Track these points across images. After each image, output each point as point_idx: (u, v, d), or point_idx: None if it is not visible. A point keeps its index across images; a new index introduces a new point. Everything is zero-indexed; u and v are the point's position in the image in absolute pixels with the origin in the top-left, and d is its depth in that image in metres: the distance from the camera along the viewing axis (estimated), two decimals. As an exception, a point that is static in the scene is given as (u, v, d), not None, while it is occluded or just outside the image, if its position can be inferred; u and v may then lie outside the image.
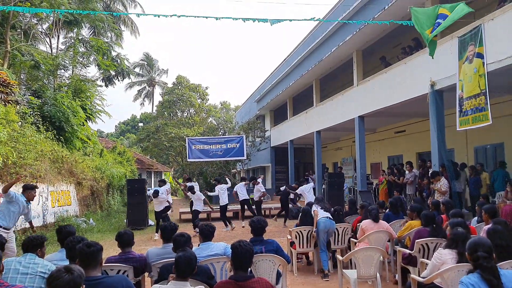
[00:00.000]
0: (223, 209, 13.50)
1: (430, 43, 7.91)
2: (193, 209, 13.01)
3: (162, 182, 13.30)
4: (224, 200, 13.53)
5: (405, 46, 13.87)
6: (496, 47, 8.55)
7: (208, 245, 4.68)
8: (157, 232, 12.27)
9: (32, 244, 3.99)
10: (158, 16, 7.89)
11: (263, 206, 15.91)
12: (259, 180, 15.18)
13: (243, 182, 14.62)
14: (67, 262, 3.87)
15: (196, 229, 12.31)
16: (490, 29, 8.74)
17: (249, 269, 3.51)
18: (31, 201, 7.21)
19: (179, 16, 7.84)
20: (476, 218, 6.99)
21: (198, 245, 4.73)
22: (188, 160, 21.97)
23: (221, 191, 13.84)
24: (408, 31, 13.33)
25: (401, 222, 7.59)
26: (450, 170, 10.62)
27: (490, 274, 2.83)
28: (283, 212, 14.49)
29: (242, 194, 14.14)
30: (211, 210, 14.94)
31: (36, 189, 7.42)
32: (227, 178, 15.61)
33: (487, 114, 8.62)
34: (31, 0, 16.39)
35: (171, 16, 7.77)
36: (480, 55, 8.83)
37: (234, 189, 14.56)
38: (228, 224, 13.26)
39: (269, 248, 4.95)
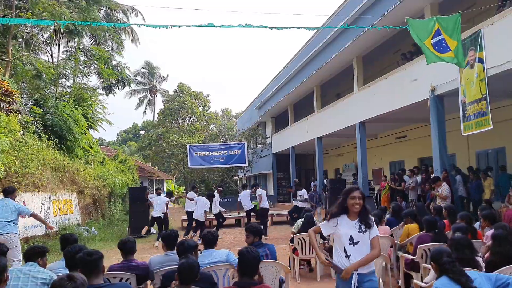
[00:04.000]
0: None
1: (427, 51, 8.02)
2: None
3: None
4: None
5: (405, 52, 13.92)
6: (496, 52, 8.58)
7: (210, 252, 4.71)
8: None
9: (33, 252, 4.02)
10: (159, 27, 7.92)
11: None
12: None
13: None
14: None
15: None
16: (489, 34, 8.77)
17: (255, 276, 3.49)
18: None
19: (179, 27, 7.89)
20: (478, 222, 6.97)
21: (201, 252, 4.75)
22: (189, 166, 21.97)
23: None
24: (408, 37, 13.30)
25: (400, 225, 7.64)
26: (452, 175, 10.61)
27: (458, 275, 3.08)
28: None
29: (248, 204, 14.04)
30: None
31: None
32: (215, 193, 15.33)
33: (488, 119, 8.64)
34: (32, 10, 16.50)
35: (171, 27, 7.81)
36: (480, 60, 8.86)
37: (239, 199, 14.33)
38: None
39: (272, 249, 5.08)
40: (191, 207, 13.35)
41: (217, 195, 13.70)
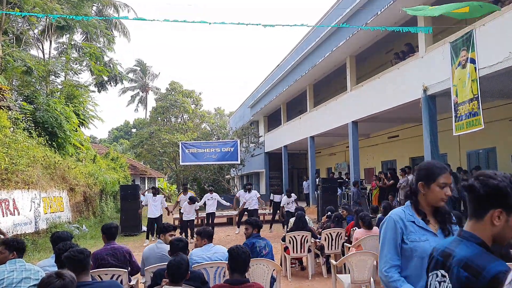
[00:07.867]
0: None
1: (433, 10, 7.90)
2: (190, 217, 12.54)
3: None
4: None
5: (398, 51, 13.97)
6: (488, 53, 8.63)
7: (211, 246, 4.84)
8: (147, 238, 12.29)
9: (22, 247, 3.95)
10: (152, 21, 7.88)
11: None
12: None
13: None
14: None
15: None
16: (481, 34, 8.82)
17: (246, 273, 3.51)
18: None
19: (172, 21, 7.86)
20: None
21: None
22: (181, 163, 21.86)
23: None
24: (401, 37, 13.43)
25: None
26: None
27: None
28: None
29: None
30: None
31: None
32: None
33: (480, 119, 8.68)
34: (22, 6, 16.33)
35: (163, 21, 7.77)
36: (472, 60, 8.90)
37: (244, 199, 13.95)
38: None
39: (270, 244, 5.40)
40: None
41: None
